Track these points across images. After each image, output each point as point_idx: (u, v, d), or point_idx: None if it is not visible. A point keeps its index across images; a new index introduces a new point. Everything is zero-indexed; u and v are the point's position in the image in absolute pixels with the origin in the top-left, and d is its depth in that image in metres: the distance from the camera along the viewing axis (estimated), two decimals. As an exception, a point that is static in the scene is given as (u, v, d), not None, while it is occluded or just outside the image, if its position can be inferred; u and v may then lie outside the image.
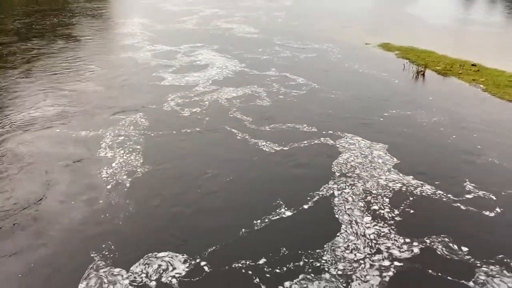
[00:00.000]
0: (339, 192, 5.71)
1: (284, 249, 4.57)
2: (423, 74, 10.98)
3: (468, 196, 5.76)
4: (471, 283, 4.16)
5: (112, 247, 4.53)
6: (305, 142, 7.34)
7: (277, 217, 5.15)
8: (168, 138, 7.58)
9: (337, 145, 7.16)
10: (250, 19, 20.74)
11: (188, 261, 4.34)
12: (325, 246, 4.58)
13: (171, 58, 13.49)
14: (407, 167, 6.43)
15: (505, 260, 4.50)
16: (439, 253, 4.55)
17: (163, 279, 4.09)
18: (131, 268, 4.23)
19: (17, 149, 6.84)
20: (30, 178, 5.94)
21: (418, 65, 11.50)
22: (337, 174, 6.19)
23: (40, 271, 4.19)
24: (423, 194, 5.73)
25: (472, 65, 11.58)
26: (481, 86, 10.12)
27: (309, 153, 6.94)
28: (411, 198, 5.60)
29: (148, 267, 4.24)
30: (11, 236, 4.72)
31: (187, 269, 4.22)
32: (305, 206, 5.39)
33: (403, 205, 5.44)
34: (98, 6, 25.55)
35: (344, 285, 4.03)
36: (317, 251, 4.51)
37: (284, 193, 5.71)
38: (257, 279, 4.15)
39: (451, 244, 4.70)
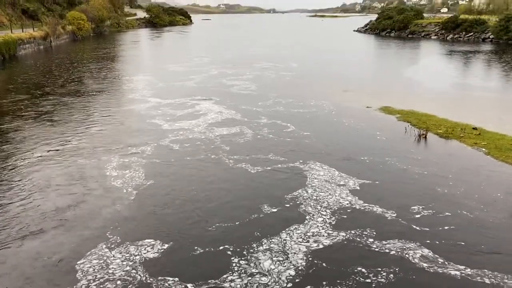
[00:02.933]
0: (303, 201, 7.44)
1: (254, 235, 6.30)
2: (425, 137, 11.07)
3: (416, 216, 6.89)
4: (371, 261, 5.65)
5: (119, 228, 6.57)
6: (282, 166, 9.10)
7: (255, 215, 6.92)
8: (167, 163, 9.37)
9: (310, 170, 8.85)
10: (255, 77, 21.52)
11: (161, 246, 6.05)
12: (281, 232, 6.37)
13: (171, 108, 14.70)
14: (364, 193, 7.72)
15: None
16: (357, 242, 6.11)
17: (143, 256, 5.81)
18: (128, 246, 6.06)
19: (53, 170, 8.96)
20: (70, 188, 8.07)
21: (419, 128, 11.63)
22: (306, 187, 7.96)
23: (88, 243, 6.19)
24: (369, 211, 7.05)
25: (473, 128, 11.66)
26: (483, 149, 10.12)
27: (284, 174, 8.67)
28: (350, 211, 7.04)
29: (138, 247, 6.02)
30: (67, 224, 6.74)
31: (156, 253, 5.89)
32: (276, 209, 7.15)
33: (345, 214, 6.95)
34: (106, 66, 26.50)
35: (284, 256, 5.75)
36: (273, 236, 6.26)
37: (262, 198, 7.58)
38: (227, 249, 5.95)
39: (368, 239, 6.17)
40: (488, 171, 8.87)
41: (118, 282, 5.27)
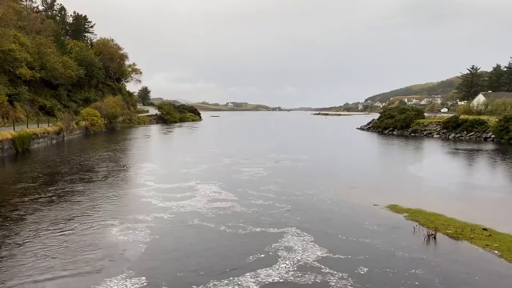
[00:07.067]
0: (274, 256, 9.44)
1: (227, 273, 8.42)
2: (435, 237, 10.81)
3: (362, 275, 8.41)
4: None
5: (129, 270, 8.80)
6: (264, 232, 11.03)
7: (233, 264, 8.97)
8: (165, 229, 11.52)
9: (289, 234, 10.88)
10: (262, 168, 22.22)
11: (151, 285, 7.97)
12: (251, 272, 8.45)
13: (172, 191, 16.28)
14: (330, 260, 9.20)
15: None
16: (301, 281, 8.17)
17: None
18: (128, 279, 8.18)
19: (66, 236, 10.86)
20: (84, 245, 10.14)
21: (428, 228, 11.41)
22: (279, 247, 9.90)
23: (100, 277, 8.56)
24: (327, 270, 8.67)
25: (483, 229, 11.43)
26: (496, 252, 9.81)
27: (264, 238, 10.65)
28: (305, 266, 8.85)
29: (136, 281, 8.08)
30: (84, 266, 8.97)
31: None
32: (261, 255, 9.45)
33: (301, 267, 8.82)
34: (115, 157, 27.05)
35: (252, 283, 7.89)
36: (245, 274, 8.38)
37: (245, 251, 9.69)
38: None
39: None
40: (494, 271, 8.59)
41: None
